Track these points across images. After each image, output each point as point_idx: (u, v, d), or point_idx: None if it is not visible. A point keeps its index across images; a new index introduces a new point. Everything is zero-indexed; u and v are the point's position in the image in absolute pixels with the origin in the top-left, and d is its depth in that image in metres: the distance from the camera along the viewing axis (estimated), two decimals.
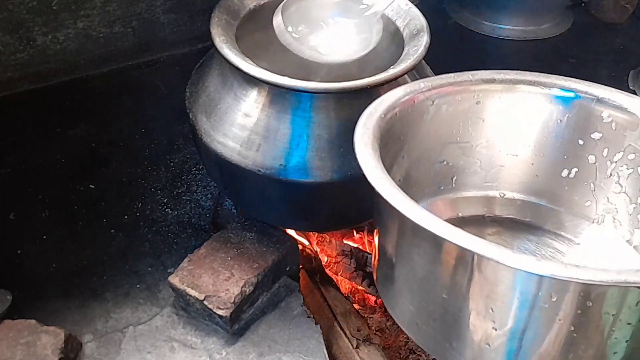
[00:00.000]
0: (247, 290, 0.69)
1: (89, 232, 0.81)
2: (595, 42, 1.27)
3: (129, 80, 1.08)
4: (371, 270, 0.82)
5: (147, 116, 0.99)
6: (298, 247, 0.77)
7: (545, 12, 1.30)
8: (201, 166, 0.90)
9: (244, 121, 0.65)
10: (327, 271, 0.83)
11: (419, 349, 0.77)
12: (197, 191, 0.88)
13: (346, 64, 0.70)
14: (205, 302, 0.67)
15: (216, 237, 0.74)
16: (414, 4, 0.73)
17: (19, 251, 0.78)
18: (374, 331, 0.78)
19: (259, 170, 0.64)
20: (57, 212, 0.83)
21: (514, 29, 1.27)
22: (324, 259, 0.85)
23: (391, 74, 0.62)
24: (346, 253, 0.84)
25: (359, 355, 0.72)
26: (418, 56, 0.65)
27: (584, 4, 1.37)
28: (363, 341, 0.73)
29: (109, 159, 0.92)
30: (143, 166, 0.91)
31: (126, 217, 0.83)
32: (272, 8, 0.71)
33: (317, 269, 0.82)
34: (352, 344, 0.73)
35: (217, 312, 0.67)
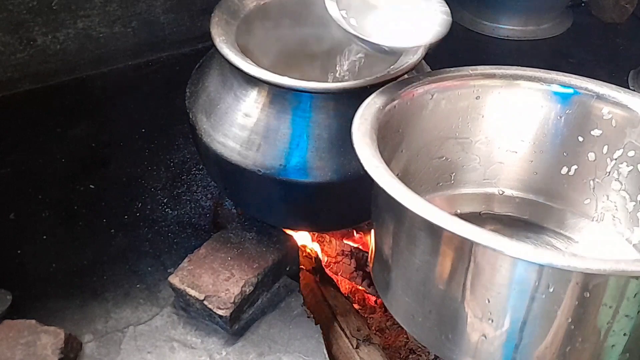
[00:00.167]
0: (247, 290, 0.69)
1: (89, 232, 0.81)
2: (595, 42, 1.27)
3: (129, 80, 1.08)
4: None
5: (147, 116, 0.99)
6: (298, 247, 0.77)
7: (545, 12, 1.30)
8: (201, 166, 0.90)
9: (244, 121, 0.65)
10: (327, 271, 0.83)
11: (419, 349, 0.77)
12: (197, 191, 0.88)
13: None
14: (205, 302, 0.67)
15: (216, 237, 0.74)
16: None
17: (19, 251, 0.78)
18: (374, 331, 0.78)
19: (259, 170, 0.64)
20: (57, 212, 0.83)
21: (514, 29, 1.27)
22: (324, 259, 0.84)
23: (391, 74, 0.62)
24: (346, 253, 0.84)
25: (359, 355, 0.72)
26: (418, 56, 0.65)
27: (584, 4, 1.37)
28: (363, 341, 0.73)
29: (109, 159, 0.92)
30: (143, 166, 0.91)
31: (126, 217, 0.83)
32: (272, 8, 0.71)
33: (317, 269, 0.82)
34: (352, 344, 0.73)
35: (217, 312, 0.67)
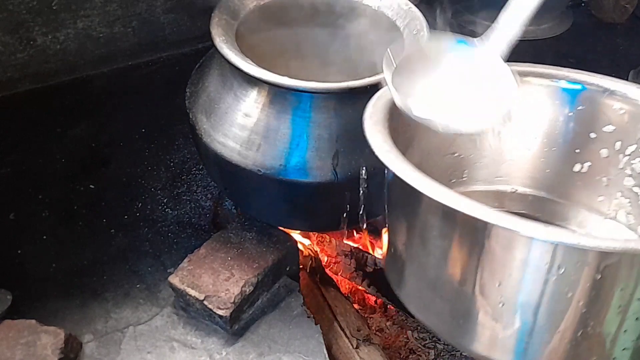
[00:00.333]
0: (247, 290, 0.69)
1: (89, 232, 0.81)
2: (595, 42, 1.27)
3: (129, 80, 1.08)
4: (371, 270, 0.82)
5: (147, 116, 0.99)
6: (298, 247, 0.77)
7: (545, 12, 1.29)
8: (201, 166, 0.90)
9: (244, 121, 0.65)
10: (327, 271, 0.83)
11: (419, 349, 0.77)
12: (197, 191, 0.88)
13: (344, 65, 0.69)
14: (205, 302, 0.67)
15: (216, 237, 0.74)
16: (414, 4, 0.73)
17: (19, 251, 0.78)
18: (374, 331, 0.78)
19: (259, 170, 0.64)
20: (57, 212, 0.83)
21: None
22: (324, 259, 0.84)
23: None
24: (346, 253, 0.84)
25: (359, 355, 0.72)
26: None
27: (584, 4, 1.37)
28: (363, 341, 0.73)
29: (109, 159, 0.92)
30: (143, 166, 0.91)
31: (126, 217, 0.83)
32: (272, 8, 0.71)
33: (317, 269, 0.82)
34: (352, 344, 0.73)
35: (217, 312, 0.67)
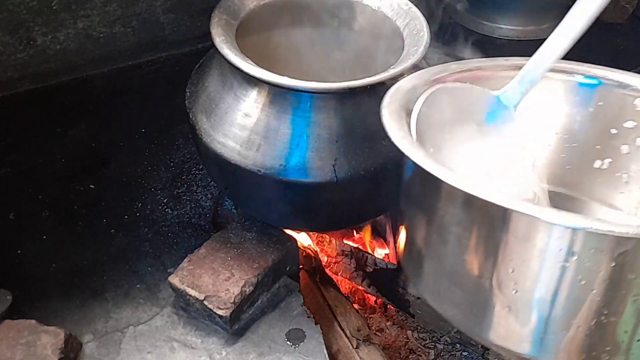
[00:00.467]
0: (247, 290, 0.69)
1: (89, 232, 0.81)
2: (595, 42, 1.27)
3: (129, 80, 1.08)
4: (371, 270, 0.82)
5: (147, 116, 0.99)
6: (298, 247, 0.77)
7: (545, 12, 1.29)
8: (201, 166, 0.90)
9: (244, 121, 0.65)
10: (327, 271, 0.83)
11: (419, 349, 0.77)
12: (197, 191, 0.88)
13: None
14: (205, 302, 0.67)
15: (216, 237, 0.74)
16: (413, 3, 0.73)
17: (19, 251, 0.78)
18: (374, 331, 0.78)
19: (259, 170, 0.64)
20: (57, 212, 0.83)
21: (514, 29, 1.27)
22: (324, 259, 0.85)
23: (391, 73, 0.62)
24: (346, 253, 0.84)
25: (359, 355, 0.72)
26: (418, 56, 0.65)
27: None
28: (363, 341, 0.73)
29: (109, 159, 0.92)
30: (143, 166, 0.91)
31: (126, 217, 0.83)
32: (272, 8, 0.71)
33: (317, 269, 0.82)
34: (352, 344, 0.73)
35: (217, 312, 0.67)
